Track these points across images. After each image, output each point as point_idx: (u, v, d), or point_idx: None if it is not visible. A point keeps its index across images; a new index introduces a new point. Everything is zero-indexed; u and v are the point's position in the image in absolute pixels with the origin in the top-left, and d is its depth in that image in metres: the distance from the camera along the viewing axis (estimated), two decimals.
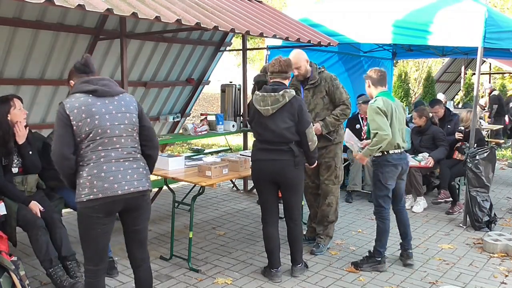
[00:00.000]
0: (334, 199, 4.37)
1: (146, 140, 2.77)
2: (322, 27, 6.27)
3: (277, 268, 3.78)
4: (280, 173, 3.63)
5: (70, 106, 2.55)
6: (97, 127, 2.55)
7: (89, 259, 2.67)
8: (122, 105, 2.66)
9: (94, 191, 2.50)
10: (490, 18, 5.00)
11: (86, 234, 2.62)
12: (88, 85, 2.63)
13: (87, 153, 2.55)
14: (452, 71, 15.86)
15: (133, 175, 2.61)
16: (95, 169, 2.53)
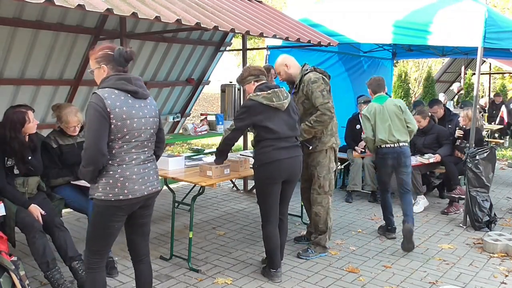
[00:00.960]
0: (321, 209, 4.19)
1: (160, 142, 2.84)
2: (322, 27, 6.27)
3: (277, 268, 3.77)
4: (296, 170, 3.74)
5: (111, 103, 2.48)
6: (134, 130, 2.57)
7: (97, 253, 2.71)
8: (152, 109, 2.72)
9: (125, 192, 2.55)
10: (490, 18, 5.00)
11: (104, 229, 2.65)
12: (129, 85, 2.60)
13: (120, 153, 2.56)
14: (452, 71, 15.87)
15: (153, 175, 2.73)
16: (128, 171, 2.57)
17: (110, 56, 2.62)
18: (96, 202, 2.60)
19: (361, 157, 6.29)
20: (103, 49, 2.65)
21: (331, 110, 3.96)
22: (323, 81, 4.02)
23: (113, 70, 2.62)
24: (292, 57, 4.30)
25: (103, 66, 2.62)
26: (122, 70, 2.65)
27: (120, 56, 2.62)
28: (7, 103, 5.30)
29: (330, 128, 4.10)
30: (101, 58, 2.62)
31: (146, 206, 2.76)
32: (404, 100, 12.10)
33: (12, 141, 3.55)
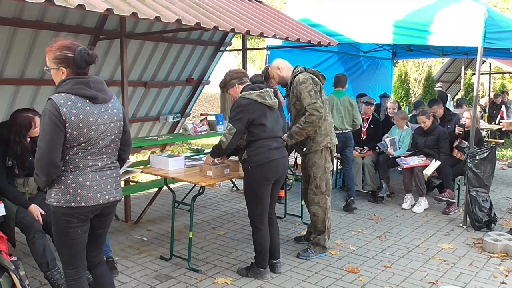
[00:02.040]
0: (319, 209, 4.19)
1: (125, 145, 2.69)
2: (322, 27, 6.27)
3: (266, 267, 3.82)
4: (286, 169, 3.82)
5: (67, 111, 2.33)
6: (92, 138, 2.43)
7: (68, 263, 2.58)
8: (114, 113, 2.54)
9: (77, 199, 2.42)
10: (490, 18, 5.00)
11: (63, 238, 2.51)
12: (87, 89, 2.42)
13: (74, 160, 2.43)
14: (452, 71, 15.86)
15: (112, 184, 2.57)
16: (81, 178, 2.43)
17: (70, 59, 2.42)
18: (51, 208, 2.49)
19: (361, 157, 6.29)
20: (62, 49, 2.45)
21: (318, 110, 3.89)
22: (312, 81, 3.98)
23: (72, 73, 2.44)
24: (285, 61, 4.32)
25: (61, 68, 2.44)
26: (83, 72, 2.46)
27: (81, 59, 2.43)
28: (7, 103, 5.31)
29: (323, 127, 4.08)
30: (60, 60, 2.44)
31: (103, 215, 2.61)
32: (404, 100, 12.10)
33: (16, 145, 3.57)
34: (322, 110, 3.93)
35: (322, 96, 4.07)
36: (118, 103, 2.60)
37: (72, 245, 2.53)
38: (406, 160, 5.87)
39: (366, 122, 6.46)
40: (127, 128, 2.69)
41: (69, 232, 2.48)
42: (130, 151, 2.80)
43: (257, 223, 3.74)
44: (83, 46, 2.48)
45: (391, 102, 7.20)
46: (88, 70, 2.49)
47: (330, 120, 4.19)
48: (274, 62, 4.33)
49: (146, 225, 5.14)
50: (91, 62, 2.47)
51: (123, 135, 2.64)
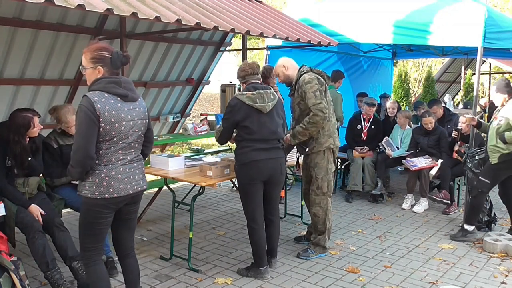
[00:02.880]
0: (320, 210, 4.19)
1: (148, 142, 2.90)
2: (322, 27, 6.27)
3: (266, 266, 3.83)
4: (277, 171, 3.76)
5: (101, 107, 2.54)
6: (122, 133, 2.64)
7: (89, 249, 2.77)
8: (141, 111, 2.76)
9: (110, 191, 2.63)
10: (490, 18, 5.01)
11: (92, 227, 2.72)
12: (118, 88, 2.64)
13: (107, 154, 2.63)
14: (452, 71, 15.85)
15: (139, 175, 2.81)
16: (113, 171, 2.64)
17: (107, 59, 2.64)
18: (83, 199, 2.68)
19: (361, 157, 6.29)
20: (100, 50, 2.66)
21: (323, 110, 3.89)
22: (317, 82, 3.98)
23: (108, 72, 2.66)
24: (291, 59, 4.30)
25: (99, 67, 2.65)
26: (115, 73, 2.69)
27: (118, 60, 2.66)
28: (7, 103, 5.31)
29: (327, 128, 4.07)
30: (98, 59, 2.64)
31: (132, 203, 2.84)
32: (404, 100, 12.10)
33: (15, 145, 3.57)
34: (326, 111, 3.93)
35: (327, 97, 4.07)
36: (143, 102, 2.84)
37: (98, 233, 2.76)
38: (413, 162, 5.83)
39: (367, 123, 6.46)
40: (151, 126, 2.91)
41: (99, 221, 2.70)
42: (152, 147, 3.02)
43: (250, 222, 3.79)
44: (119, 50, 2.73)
45: (391, 102, 7.21)
46: (119, 71, 2.74)
47: (333, 121, 4.18)
48: (280, 61, 4.29)
49: (146, 225, 5.14)
50: (126, 63, 2.73)
51: (147, 132, 2.86)
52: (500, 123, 4.49)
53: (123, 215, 2.86)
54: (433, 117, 5.98)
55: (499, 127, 4.47)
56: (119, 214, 2.83)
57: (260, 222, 3.79)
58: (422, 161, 5.86)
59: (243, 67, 3.82)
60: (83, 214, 2.73)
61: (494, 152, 4.50)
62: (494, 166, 4.53)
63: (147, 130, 2.85)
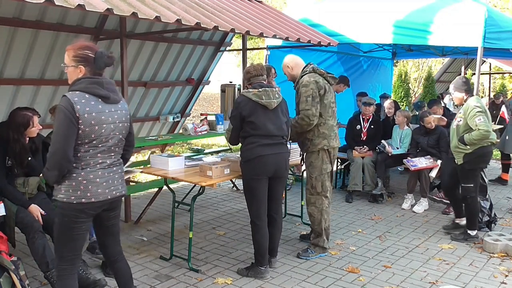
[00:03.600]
0: (315, 209, 4.21)
1: (129, 146, 2.82)
2: (322, 27, 6.27)
3: (266, 265, 3.84)
4: (282, 166, 3.81)
5: (81, 108, 2.44)
6: (102, 136, 2.54)
7: (65, 259, 2.63)
8: (123, 114, 2.67)
9: (87, 195, 2.52)
10: (490, 18, 5.01)
11: (68, 234, 2.58)
12: (100, 89, 2.54)
13: (85, 157, 2.52)
14: (452, 71, 15.85)
15: (118, 179, 2.70)
16: (92, 174, 2.54)
17: (91, 58, 2.55)
18: (58, 204, 2.56)
19: (361, 157, 6.29)
20: (84, 48, 2.56)
21: (310, 117, 3.99)
22: (314, 86, 4.02)
23: (90, 72, 2.56)
24: (297, 58, 4.32)
25: (80, 66, 2.55)
26: (98, 73, 2.58)
27: (101, 60, 2.55)
28: (7, 103, 5.31)
29: (322, 130, 4.12)
30: (81, 58, 2.55)
31: (111, 209, 2.73)
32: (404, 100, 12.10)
33: (14, 143, 3.57)
34: (313, 119, 4.02)
35: (326, 99, 4.10)
36: (126, 104, 2.74)
37: (75, 240, 2.62)
38: (413, 162, 5.83)
39: (366, 123, 6.46)
40: (132, 129, 2.81)
41: (74, 227, 2.56)
42: (132, 151, 2.92)
43: (254, 219, 3.80)
44: (103, 49, 2.61)
45: (389, 102, 7.19)
46: (103, 71, 2.62)
47: (331, 123, 4.17)
48: (285, 59, 4.31)
49: (146, 225, 5.14)
50: (110, 64, 2.61)
51: (128, 136, 2.77)
52: (459, 123, 4.53)
53: (103, 221, 2.76)
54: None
55: (458, 127, 4.52)
56: (99, 220, 2.74)
57: (264, 219, 3.80)
58: (422, 161, 5.86)
59: (248, 69, 3.91)
60: (58, 220, 2.58)
61: (458, 153, 4.54)
62: (465, 167, 4.54)
63: (128, 133, 2.76)
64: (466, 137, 4.40)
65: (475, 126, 4.34)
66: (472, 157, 4.46)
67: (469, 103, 4.46)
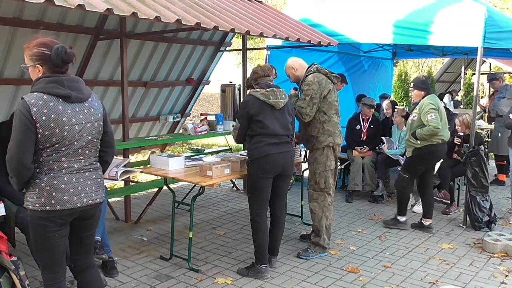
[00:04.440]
0: (317, 205, 4.23)
1: (106, 147, 2.61)
2: (322, 27, 6.27)
3: (267, 264, 3.85)
4: (288, 164, 3.86)
5: (37, 110, 2.26)
6: (65, 139, 2.35)
7: (46, 267, 2.50)
8: (91, 113, 2.46)
9: (52, 203, 2.35)
10: (490, 18, 5.00)
11: (41, 243, 2.44)
12: (59, 88, 2.34)
13: (48, 162, 2.35)
14: (452, 71, 15.86)
15: (91, 186, 2.49)
16: (55, 180, 2.36)
17: (47, 56, 2.36)
18: (28, 212, 2.42)
19: (361, 157, 6.29)
20: (39, 46, 2.38)
21: (303, 115, 4.09)
22: (316, 87, 4.08)
23: (49, 71, 2.38)
24: (300, 59, 4.37)
25: (37, 66, 2.38)
26: (59, 71, 2.39)
27: (58, 58, 2.36)
28: (7, 103, 5.31)
29: (327, 128, 4.17)
30: (37, 57, 2.37)
31: (84, 218, 2.52)
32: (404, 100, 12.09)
33: None
34: (306, 117, 4.10)
35: (330, 97, 4.15)
36: (97, 102, 2.53)
37: (50, 250, 2.45)
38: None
39: (366, 123, 6.46)
40: (108, 128, 2.60)
41: (47, 236, 2.40)
42: (114, 152, 2.71)
43: (256, 217, 3.81)
44: (62, 44, 2.41)
45: (387, 103, 7.16)
46: (66, 69, 2.42)
47: (335, 120, 4.23)
48: (288, 62, 4.37)
49: (146, 225, 5.14)
50: (68, 60, 2.41)
51: (104, 136, 2.57)
52: (413, 119, 4.85)
53: (77, 232, 2.54)
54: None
55: (412, 122, 4.83)
56: (72, 230, 2.52)
57: (264, 217, 3.83)
58: None
59: (255, 70, 3.97)
60: (30, 229, 2.44)
61: (409, 146, 4.90)
62: (410, 160, 4.92)
63: (104, 133, 2.55)
64: (418, 132, 4.72)
65: (427, 122, 4.67)
66: (420, 152, 4.80)
67: (425, 101, 4.80)
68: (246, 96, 3.87)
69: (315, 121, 4.16)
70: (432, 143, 4.74)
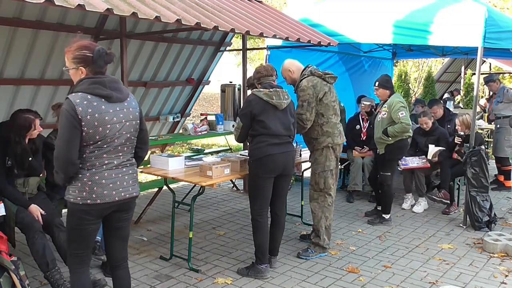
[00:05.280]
0: (317, 205, 4.25)
1: (142, 143, 2.75)
2: (322, 27, 6.27)
3: (267, 264, 3.86)
4: (290, 164, 3.87)
5: (82, 110, 2.40)
6: (107, 137, 2.49)
7: (75, 256, 2.66)
8: (130, 112, 2.60)
9: (93, 197, 2.49)
10: (490, 18, 5.00)
11: (76, 233, 2.59)
12: (102, 89, 2.48)
13: (91, 158, 2.49)
14: (452, 71, 15.86)
15: (129, 181, 2.64)
16: (97, 175, 2.50)
17: (89, 58, 2.48)
18: (68, 204, 2.56)
19: (361, 157, 6.29)
20: (81, 49, 2.50)
21: (304, 121, 4.10)
22: (311, 91, 4.08)
23: (91, 72, 2.51)
24: (296, 61, 4.37)
25: (81, 68, 2.50)
26: (100, 72, 2.53)
27: (100, 59, 2.50)
28: (7, 103, 5.31)
29: (326, 129, 4.18)
30: (79, 59, 2.49)
31: (122, 210, 2.67)
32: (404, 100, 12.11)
33: (15, 145, 3.58)
34: (307, 123, 4.12)
35: (326, 99, 4.14)
36: (134, 101, 2.66)
37: (83, 240, 2.62)
38: (405, 161, 5.86)
39: (366, 123, 6.46)
40: (144, 126, 2.75)
41: (82, 228, 2.56)
42: (147, 149, 2.86)
43: (256, 216, 3.82)
44: (101, 46, 2.54)
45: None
46: (105, 70, 2.56)
47: (334, 121, 4.22)
48: (285, 64, 4.37)
49: (146, 225, 5.14)
50: (109, 61, 2.55)
51: (140, 133, 2.70)
52: (383, 117, 5.05)
53: (113, 222, 2.70)
54: (428, 118, 5.96)
55: (382, 120, 5.03)
56: (109, 221, 2.69)
57: (266, 217, 3.84)
58: (414, 161, 5.86)
59: (258, 70, 3.98)
60: (68, 219, 2.59)
61: (381, 143, 5.08)
62: (385, 157, 5.09)
63: (140, 131, 2.70)
64: (390, 129, 4.93)
65: (398, 119, 4.88)
66: (392, 148, 5.02)
67: (393, 99, 5.03)
68: (249, 95, 3.87)
69: (314, 124, 4.17)
70: (401, 138, 5.00)
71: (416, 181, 5.83)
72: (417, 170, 5.80)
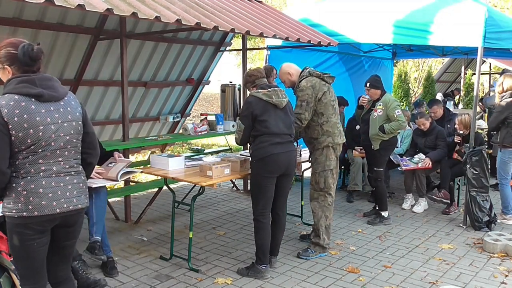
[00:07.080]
0: (317, 205, 4.25)
1: (89, 148, 2.50)
2: (322, 27, 6.27)
3: (267, 264, 3.86)
4: (291, 163, 3.88)
5: (8, 111, 2.16)
6: (41, 140, 2.23)
7: (26, 277, 2.37)
8: (68, 112, 2.35)
9: (29, 208, 2.21)
10: (490, 18, 5.00)
11: (19, 252, 2.30)
12: (31, 87, 2.23)
13: (24, 165, 2.23)
14: (452, 71, 15.85)
15: (73, 191, 2.35)
16: (33, 184, 2.23)
17: (14, 56, 2.26)
18: (6, 219, 2.28)
19: (361, 157, 6.29)
20: (6, 46, 2.29)
21: (302, 121, 4.13)
22: (310, 91, 4.11)
23: (19, 71, 2.28)
24: (294, 65, 4.39)
25: (6, 67, 2.29)
26: (30, 70, 2.29)
27: (25, 56, 2.26)
28: None
29: (326, 129, 4.19)
30: (4, 58, 2.28)
31: (66, 225, 2.38)
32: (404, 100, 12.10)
33: None
34: (305, 122, 4.15)
35: (325, 98, 4.16)
36: (74, 101, 2.42)
37: (29, 259, 2.31)
38: (406, 161, 5.86)
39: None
40: (90, 129, 2.49)
41: (26, 245, 2.27)
42: (97, 154, 2.59)
43: (259, 217, 3.81)
44: (29, 42, 2.32)
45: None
46: (38, 67, 2.33)
47: (333, 120, 4.23)
48: (283, 67, 4.38)
49: (146, 225, 5.14)
50: (36, 57, 2.30)
51: (86, 137, 2.46)
52: (379, 114, 5.17)
53: (56, 241, 2.38)
54: (425, 119, 5.97)
55: (378, 118, 5.14)
56: (52, 237, 2.36)
57: (268, 217, 3.84)
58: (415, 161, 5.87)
59: (251, 73, 3.96)
60: (8, 237, 2.31)
61: (376, 140, 5.19)
62: (378, 153, 5.22)
63: (84, 134, 2.43)
64: (386, 126, 5.07)
65: (395, 117, 5.05)
66: (387, 143, 5.19)
67: (388, 98, 5.21)
68: (248, 97, 3.86)
69: (314, 124, 4.18)
70: (394, 135, 5.20)
71: (417, 181, 5.83)
72: (418, 170, 5.80)
